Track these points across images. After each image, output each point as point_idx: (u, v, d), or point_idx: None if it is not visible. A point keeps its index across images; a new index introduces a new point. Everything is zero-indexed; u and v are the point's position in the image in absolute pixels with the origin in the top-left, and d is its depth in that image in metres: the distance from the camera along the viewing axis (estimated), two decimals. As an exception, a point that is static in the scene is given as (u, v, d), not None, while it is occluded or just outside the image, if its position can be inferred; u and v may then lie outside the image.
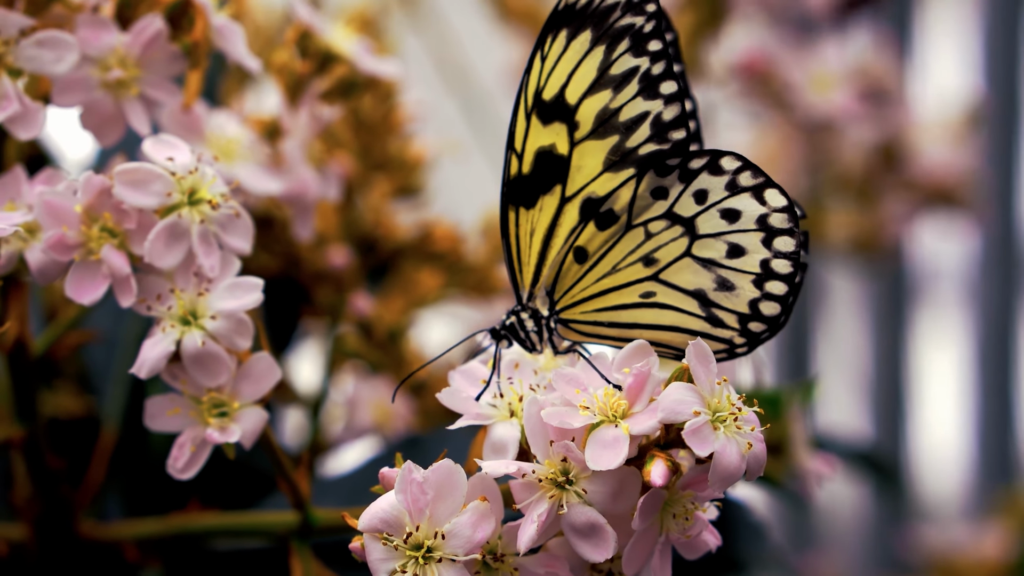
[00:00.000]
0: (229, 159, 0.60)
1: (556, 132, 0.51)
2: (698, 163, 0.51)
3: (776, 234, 0.51)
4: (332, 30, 0.64)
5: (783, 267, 0.51)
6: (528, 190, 0.51)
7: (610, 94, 0.50)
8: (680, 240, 0.51)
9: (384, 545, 0.47)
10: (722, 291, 0.51)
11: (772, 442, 0.51)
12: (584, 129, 0.51)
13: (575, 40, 0.51)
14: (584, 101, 0.51)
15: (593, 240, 0.51)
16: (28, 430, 0.59)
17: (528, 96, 0.51)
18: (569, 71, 0.51)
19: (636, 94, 0.50)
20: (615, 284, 0.51)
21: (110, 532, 0.63)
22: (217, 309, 0.52)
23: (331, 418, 0.77)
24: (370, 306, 0.74)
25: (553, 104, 0.51)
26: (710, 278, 0.51)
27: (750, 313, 0.51)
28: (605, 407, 0.48)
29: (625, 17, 0.50)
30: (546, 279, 0.52)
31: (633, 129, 0.50)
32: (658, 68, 0.50)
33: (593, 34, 0.50)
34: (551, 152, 0.51)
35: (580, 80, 0.51)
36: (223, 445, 0.52)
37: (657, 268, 0.51)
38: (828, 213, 1.14)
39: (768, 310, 0.51)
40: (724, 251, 0.51)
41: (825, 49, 1.07)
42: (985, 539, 1.18)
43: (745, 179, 0.51)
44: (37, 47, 0.54)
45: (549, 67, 0.51)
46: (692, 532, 0.49)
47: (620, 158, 0.51)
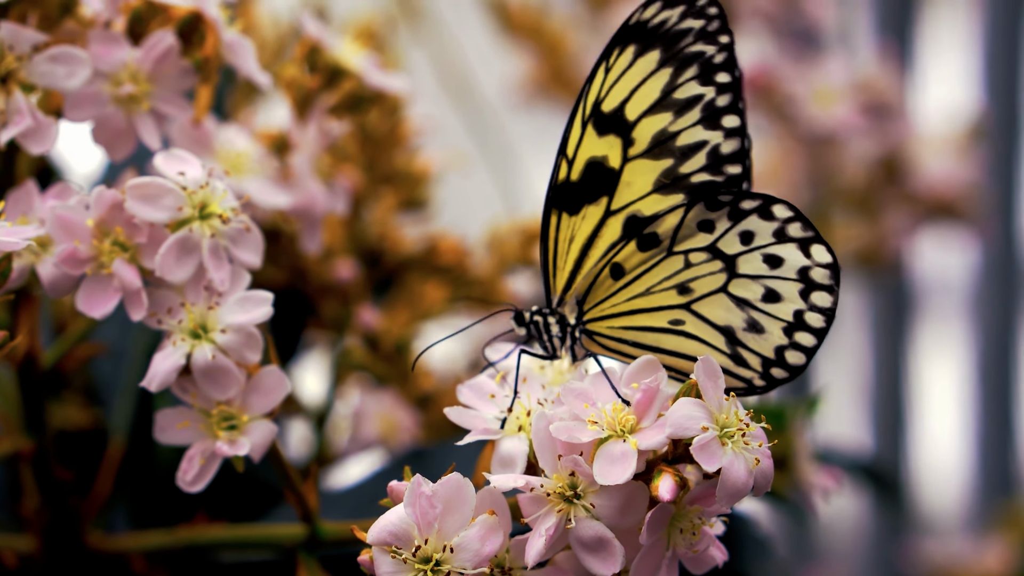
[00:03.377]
0: (239, 173, 0.60)
1: (610, 144, 0.51)
2: (750, 204, 0.51)
3: (816, 288, 0.51)
4: (340, 45, 0.64)
5: (816, 321, 0.51)
6: (573, 197, 0.51)
7: (671, 117, 0.50)
8: (718, 275, 0.51)
9: (393, 558, 0.48)
10: (751, 332, 0.51)
11: (777, 456, 0.52)
12: (639, 147, 0.51)
13: (642, 57, 0.50)
14: (643, 119, 0.50)
15: (631, 259, 0.51)
16: (37, 442, 0.59)
17: (587, 104, 0.51)
18: (632, 87, 0.50)
19: (697, 122, 0.50)
20: (646, 306, 0.51)
21: (117, 544, 0.63)
22: (227, 323, 0.52)
23: (337, 431, 0.78)
24: (376, 319, 0.74)
25: (611, 116, 0.51)
26: (741, 317, 0.51)
27: (774, 359, 0.51)
28: (613, 422, 0.48)
29: (697, 44, 0.50)
30: (579, 287, 0.52)
31: (689, 156, 0.50)
32: (723, 100, 0.50)
33: (662, 55, 0.50)
34: (602, 164, 0.51)
35: (642, 98, 0.50)
36: (232, 458, 0.53)
37: (691, 298, 0.51)
38: (830, 226, 1.14)
39: (793, 359, 0.51)
40: (760, 294, 0.51)
41: (827, 63, 1.07)
42: (986, 552, 1.18)
43: (794, 230, 0.51)
44: (50, 62, 0.55)
45: (612, 79, 0.51)
46: (699, 547, 0.49)
47: (671, 182, 0.50)
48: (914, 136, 1.14)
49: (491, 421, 0.52)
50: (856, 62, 1.24)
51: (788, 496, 0.65)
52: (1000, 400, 1.47)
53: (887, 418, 1.48)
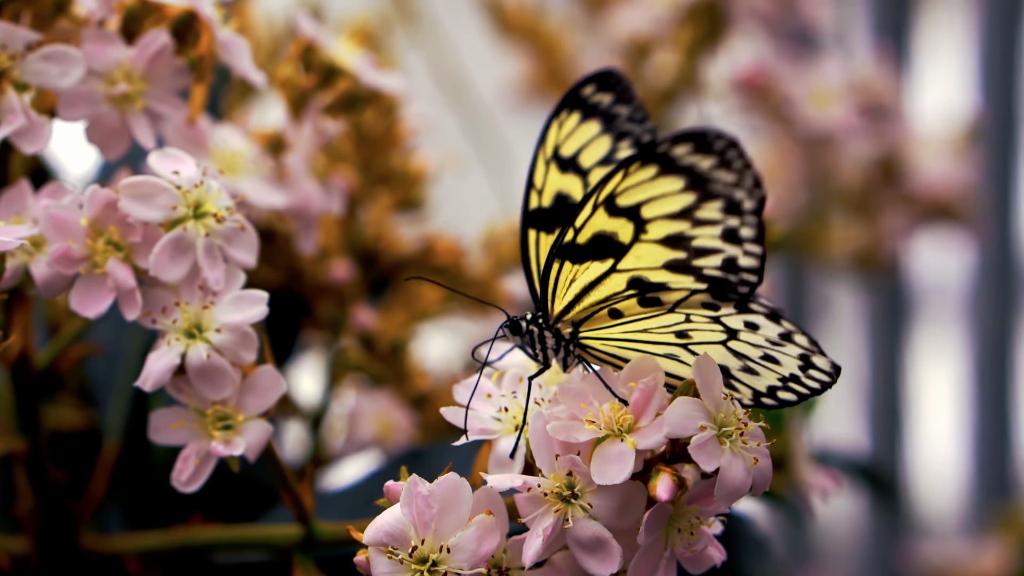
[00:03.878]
0: (233, 173, 0.60)
1: (621, 225, 0.50)
2: (759, 308, 0.50)
3: (815, 369, 0.51)
4: (335, 44, 0.64)
5: (812, 384, 0.51)
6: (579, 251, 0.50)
7: (688, 226, 0.49)
8: (718, 334, 0.51)
9: (389, 559, 0.48)
10: (745, 373, 0.51)
11: (775, 457, 0.52)
12: (652, 236, 0.49)
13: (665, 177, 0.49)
14: (658, 220, 0.49)
15: (632, 307, 0.51)
16: (31, 443, 0.59)
17: (602, 195, 0.50)
18: (651, 196, 0.49)
19: (717, 237, 0.49)
20: (643, 339, 0.51)
21: (112, 545, 0.62)
22: (222, 322, 0.52)
23: (332, 431, 0.77)
24: (372, 319, 0.74)
25: (626, 209, 0.49)
26: (737, 364, 0.51)
27: (766, 393, 0.51)
28: (611, 421, 0.48)
29: (723, 186, 0.48)
30: (575, 316, 0.51)
31: (704, 255, 0.49)
32: (747, 231, 0.49)
33: (686, 183, 0.48)
34: (612, 238, 0.50)
35: (659, 205, 0.49)
36: (227, 458, 0.52)
37: (688, 341, 0.51)
38: (827, 228, 1.14)
39: (785, 396, 0.51)
40: (759, 355, 0.51)
41: (824, 64, 1.07)
42: (984, 555, 1.18)
43: (800, 340, 0.51)
44: (43, 61, 0.55)
45: (630, 184, 0.49)
46: (697, 547, 0.49)
47: (682, 268, 0.50)
48: (911, 137, 1.13)
49: (488, 421, 0.51)
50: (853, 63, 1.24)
51: (786, 497, 0.65)
52: (997, 401, 1.47)
53: (884, 419, 1.48)
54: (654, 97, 1.01)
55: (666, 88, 1.00)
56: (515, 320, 0.52)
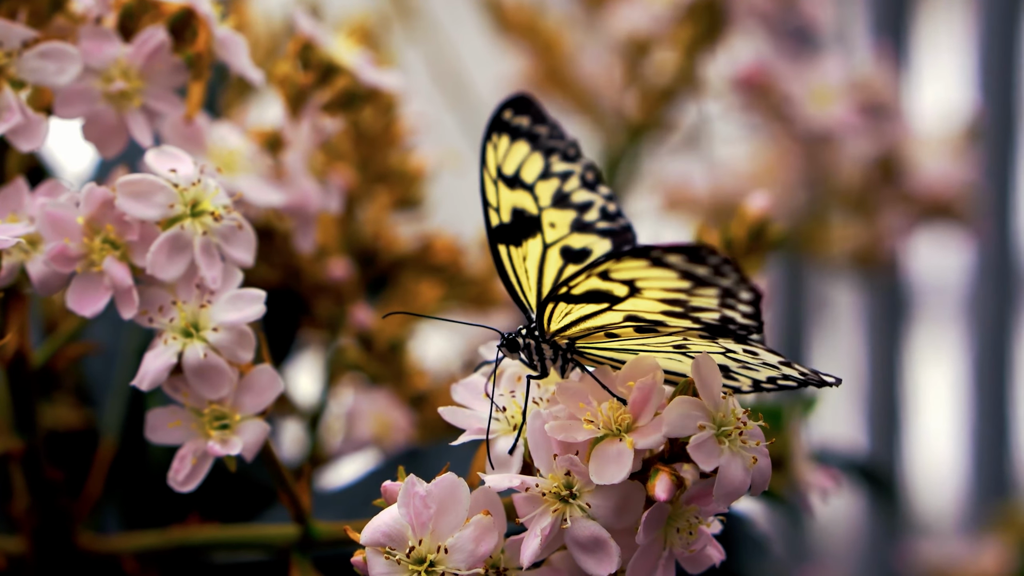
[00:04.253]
0: (231, 171, 0.60)
1: (617, 287, 0.49)
2: (758, 339, 0.50)
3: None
4: (334, 42, 0.64)
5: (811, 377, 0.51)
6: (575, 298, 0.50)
7: (685, 296, 0.49)
8: (715, 348, 0.50)
9: (387, 559, 0.47)
10: (744, 370, 0.51)
11: (774, 456, 0.51)
12: (648, 298, 0.49)
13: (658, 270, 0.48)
14: (654, 291, 0.49)
15: (628, 333, 0.51)
16: (27, 442, 0.59)
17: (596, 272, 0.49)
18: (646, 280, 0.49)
19: (714, 307, 0.49)
20: (641, 348, 0.51)
21: (109, 545, 0.62)
22: (219, 321, 0.52)
23: (330, 430, 0.77)
24: (370, 318, 0.74)
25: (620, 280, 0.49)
26: (737, 365, 0.51)
27: (765, 381, 0.51)
28: (609, 421, 0.48)
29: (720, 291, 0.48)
30: (572, 334, 0.51)
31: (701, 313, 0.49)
32: (742, 315, 0.49)
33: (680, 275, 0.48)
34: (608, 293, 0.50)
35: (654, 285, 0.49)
36: (224, 458, 0.52)
37: (686, 351, 0.51)
38: (826, 226, 1.14)
39: (784, 383, 0.51)
40: (758, 363, 0.51)
41: (824, 62, 1.07)
42: (982, 554, 1.17)
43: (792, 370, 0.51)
44: (40, 59, 0.54)
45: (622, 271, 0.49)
46: (696, 546, 0.49)
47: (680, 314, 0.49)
48: (910, 136, 1.13)
49: (486, 420, 0.51)
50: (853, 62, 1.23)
51: (785, 496, 0.65)
52: (996, 401, 1.47)
53: (882, 419, 1.48)
54: (653, 95, 1.01)
55: (665, 87, 1.00)
56: (511, 338, 0.52)
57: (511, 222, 0.56)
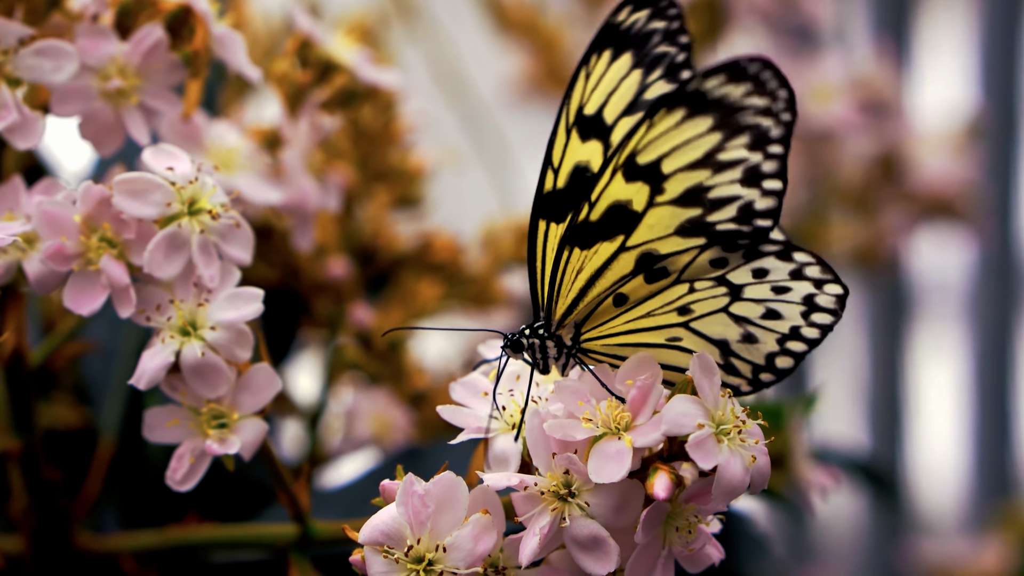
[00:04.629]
0: (229, 169, 0.60)
1: (637, 190, 0.49)
2: (770, 248, 0.50)
3: (818, 310, 0.50)
4: (332, 40, 0.64)
5: (811, 334, 0.51)
6: (590, 232, 0.50)
7: (709, 173, 0.48)
8: (721, 298, 0.50)
9: (385, 558, 0.47)
10: (745, 343, 0.51)
11: (774, 455, 0.51)
12: (669, 196, 0.49)
13: (692, 120, 0.48)
14: (679, 174, 0.49)
15: (638, 290, 0.50)
16: (25, 442, 0.59)
17: (623, 155, 0.49)
18: (674, 145, 0.48)
19: (736, 180, 0.48)
20: (645, 326, 0.51)
21: (107, 544, 0.62)
22: (217, 320, 0.52)
23: (330, 429, 0.77)
24: (369, 317, 0.74)
25: (646, 167, 0.49)
26: (738, 332, 0.50)
27: (764, 365, 0.51)
28: (608, 419, 0.48)
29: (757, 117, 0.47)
30: (579, 313, 0.51)
31: (720, 207, 0.49)
32: (769, 166, 0.48)
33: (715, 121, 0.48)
34: (625, 207, 0.49)
35: (682, 156, 0.48)
36: (222, 457, 0.52)
37: (690, 317, 0.50)
38: (827, 225, 1.14)
39: (782, 363, 0.51)
40: (760, 313, 0.50)
41: (825, 60, 1.07)
42: (984, 552, 1.17)
43: (812, 271, 0.50)
44: (36, 56, 0.54)
45: (655, 135, 0.48)
46: (695, 545, 0.48)
47: (694, 227, 0.49)
48: (911, 134, 1.13)
49: (485, 419, 0.51)
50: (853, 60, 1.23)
51: (785, 495, 0.64)
52: (997, 399, 1.46)
53: (884, 417, 1.48)
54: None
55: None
56: (515, 339, 0.51)
57: (565, 188, 0.51)
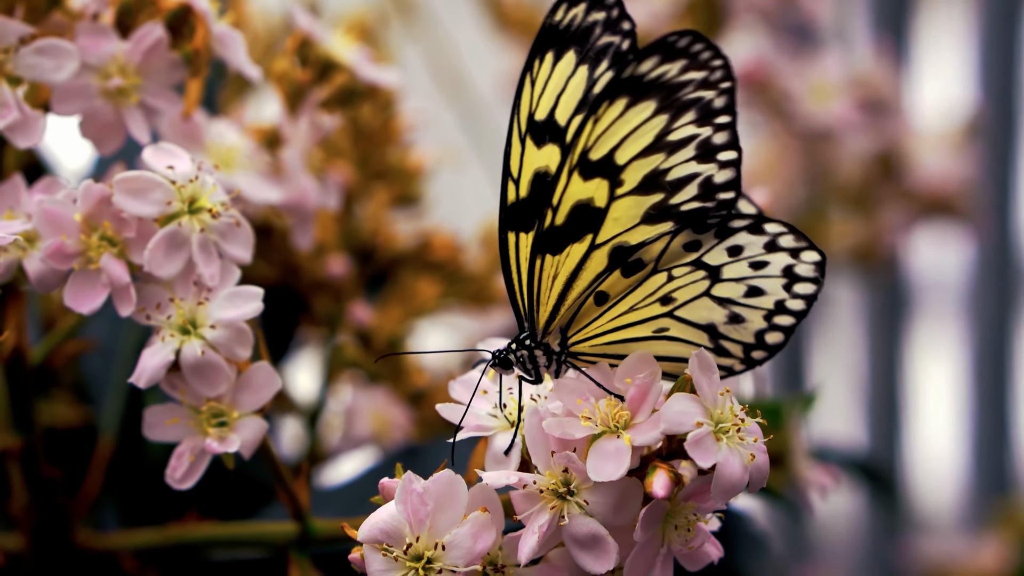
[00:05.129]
0: (229, 168, 0.60)
1: (596, 186, 0.49)
2: (740, 223, 0.50)
3: (799, 280, 0.50)
4: (332, 39, 0.64)
5: (797, 305, 0.51)
6: (558, 236, 0.50)
7: (663, 156, 0.49)
8: (701, 282, 0.50)
9: (384, 556, 0.47)
10: (732, 324, 0.51)
11: (773, 453, 0.51)
12: (628, 187, 0.49)
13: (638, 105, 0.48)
14: (634, 162, 0.49)
15: (616, 285, 0.50)
16: (25, 439, 0.59)
17: (575, 155, 0.49)
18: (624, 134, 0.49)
19: (691, 158, 0.49)
20: (631, 321, 0.51)
21: (107, 542, 0.62)
22: (217, 318, 0.52)
23: (329, 428, 0.77)
24: (369, 315, 0.74)
25: (599, 162, 0.49)
26: (723, 314, 0.51)
27: (755, 343, 0.51)
28: (607, 418, 0.48)
29: (696, 91, 0.48)
30: (562, 319, 0.51)
31: (680, 188, 0.49)
32: (720, 138, 0.48)
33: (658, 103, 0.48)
34: (588, 205, 0.49)
35: (634, 142, 0.49)
36: (222, 455, 0.52)
37: (673, 306, 0.50)
38: (826, 223, 1.14)
39: (772, 339, 0.51)
40: (742, 292, 0.50)
41: (824, 58, 1.07)
42: (982, 551, 1.17)
43: (786, 241, 0.50)
44: (37, 55, 0.54)
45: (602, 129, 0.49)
46: (694, 544, 0.48)
47: (659, 212, 0.49)
48: (910, 132, 1.13)
49: (484, 417, 0.51)
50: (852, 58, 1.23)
51: (784, 493, 0.64)
52: (996, 397, 1.46)
53: (882, 415, 1.48)
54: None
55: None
56: (503, 356, 0.51)
57: (528, 197, 0.51)
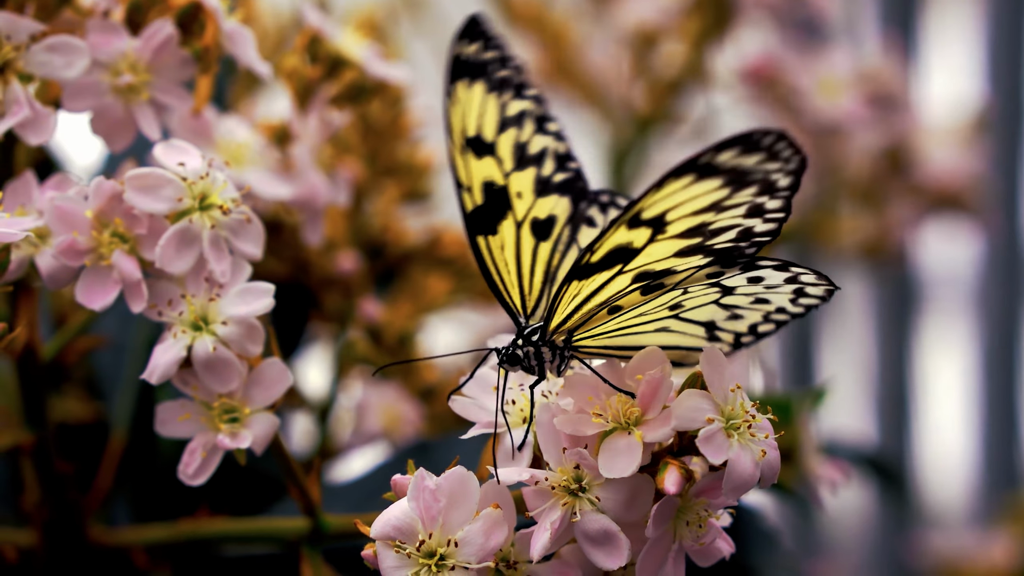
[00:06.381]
0: (239, 164, 0.60)
1: (639, 233, 0.48)
2: (767, 263, 0.50)
3: (805, 296, 0.50)
4: (341, 35, 0.64)
5: (796, 309, 0.51)
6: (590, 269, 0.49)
7: (713, 215, 0.48)
8: (712, 294, 0.50)
9: (397, 553, 0.47)
10: (730, 320, 0.51)
11: (783, 449, 0.51)
12: (670, 234, 0.48)
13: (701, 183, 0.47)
14: (681, 220, 0.48)
15: (632, 299, 0.50)
16: (37, 436, 0.59)
17: (627, 215, 0.48)
18: (681, 201, 0.48)
19: (740, 216, 0.48)
20: (637, 322, 0.51)
21: (119, 538, 0.62)
22: (228, 315, 0.52)
23: (340, 424, 0.77)
24: (379, 311, 0.74)
25: (651, 219, 0.48)
26: (725, 315, 0.51)
27: (747, 332, 0.51)
28: (618, 414, 0.48)
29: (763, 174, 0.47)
30: (573, 323, 0.51)
31: (719, 234, 0.48)
32: (774, 204, 0.48)
33: (724, 181, 0.47)
34: (627, 248, 0.49)
35: (688, 206, 0.48)
36: (234, 451, 0.52)
37: (680, 311, 0.50)
38: (835, 218, 1.14)
39: (764, 329, 0.51)
40: (749, 301, 0.50)
41: (832, 54, 1.07)
42: (993, 545, 1.17)
43: (807, 279, 0.50)
44: (48, 52, 0.54)
45: (661, 197, 0.48)
46: (706, 539, 0.48)
47: (692, 250, 0.49)
48: (919, 127, 1.13)
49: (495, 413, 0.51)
50: (861, 53, 1.23)
51: (794, 489, 0.64)
52: (1005, 392, 1.46)
53: (891, 411, 1.48)
54: (661, 88, 1.00)
55: (673, 79, 1.00)
56: (511, 352, 0.51)
57: (484, 203, 0.52)
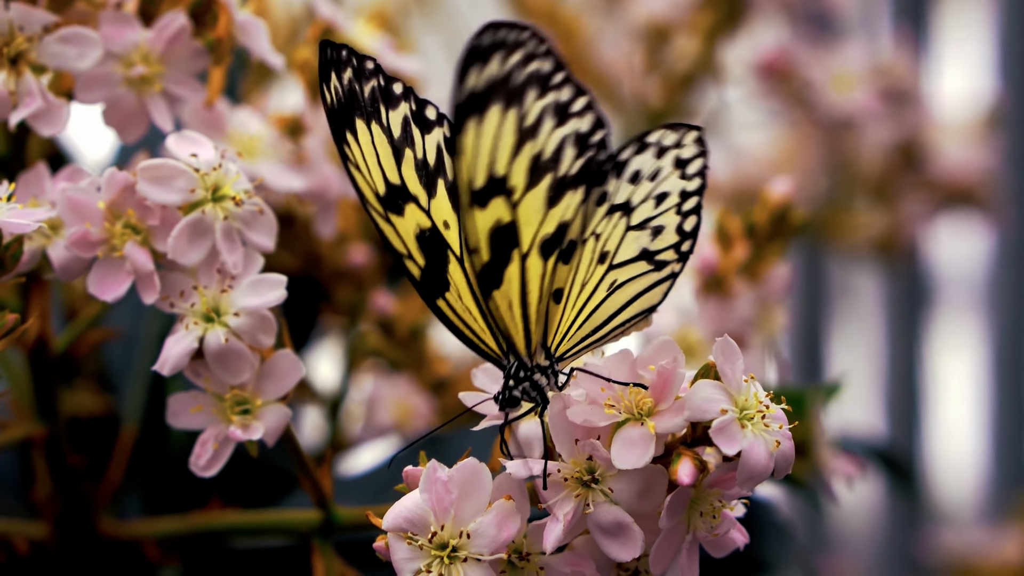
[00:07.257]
0: (251, 156, 0.60)
1: (496, 207, 0.48)
2: (627, 152, 0.50)
3: (688, 163, 0.50)
4: (354, 27, 0.64)
5: (695, 184, 0.50)
6: (493, 271, 0.49)
7: (531, 143, 0.48)
8: (620, 222, 0.50)
9: (409, 544, 0.47)
10: (656, 237, 0.51)
11: (796, 442, 0.51)
12: (520, 188, 0.48)
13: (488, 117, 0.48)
14: (512, 166, 0.48)
15: (563, 276, 0.50)
16: (49, 428, 0.59)
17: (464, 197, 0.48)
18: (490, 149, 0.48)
19: (553, 127, 0.48)
20: (587, 295, 0.50)
21: (130, 530, 0.62)
22: (240, 306, 0.52)
23: (351, 416, 0.77)
24: (390, 304, 0.74)
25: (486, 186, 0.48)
26: (648, 235, 0.50)
27: (679, 239, 0.51)
28: (631, 405, 0.47)
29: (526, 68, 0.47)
30: (536, 335, 0.51)
31: (559, 158, 0.49)
32: (566, 94, 0.48)
33: (502, 104, 0.48)
34: (499, 226, 0.49)
35: (502, 151, 0.48)
36: (246, 443, 0.52)
37: (610, 258, 0.50)
38: (847, 213, 1.14)
39: (689, 225, 0.51)
40: (652, 205, 0.50)
41: (845, 48, 1.07)
42: (1004, 542, 1.17)
43: (668, 140, 0.50)
44: (60, 43, 0.54)
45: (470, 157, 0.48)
46: (719, 530, 0.48)
47: (556, 190, 0.49)
48: (932, 123, 1.13)
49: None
50: (874, 48, 1.23)
51: (807, 482, 0.64)
52: (1016, 388, 1.46)
53: (902, 407, 1.47)
54: (673, 82, 1.00)
55: (685, 73, 1.00)
56: (509, 396, 0.50)
57: (427, 263, 0.52)
